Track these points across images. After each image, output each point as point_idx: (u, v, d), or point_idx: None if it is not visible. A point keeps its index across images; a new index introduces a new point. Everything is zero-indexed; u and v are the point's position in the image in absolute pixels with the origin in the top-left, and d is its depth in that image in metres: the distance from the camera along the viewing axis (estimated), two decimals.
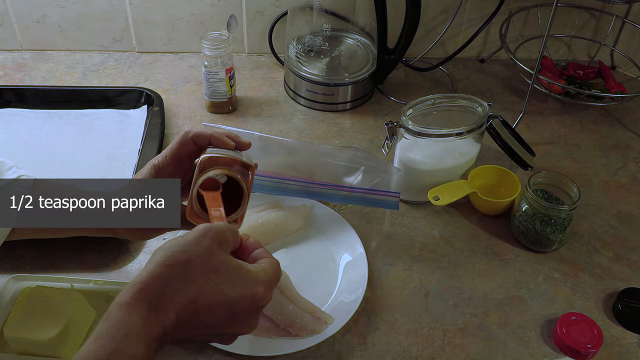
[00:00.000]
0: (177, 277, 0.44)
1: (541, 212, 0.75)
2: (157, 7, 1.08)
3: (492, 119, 0.81)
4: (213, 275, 0.46)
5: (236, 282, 0.46)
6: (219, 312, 0.45)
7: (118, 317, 0.42)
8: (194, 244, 0.47)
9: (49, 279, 0.69)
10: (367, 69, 1.02)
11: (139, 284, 0.44)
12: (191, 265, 0.45)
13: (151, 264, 0.45)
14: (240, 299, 0.46)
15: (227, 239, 0.49)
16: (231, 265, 0.47)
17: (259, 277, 0.48)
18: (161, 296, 0.44)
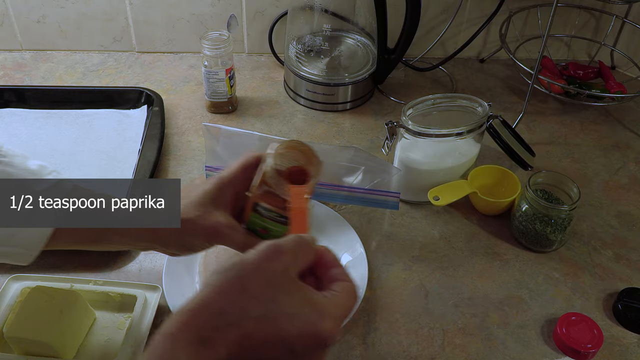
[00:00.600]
0: (231, 307, 0.39)
1: (541, 212, 0.75)
2: (157, 7, 1.08)
3: (492, 119, 0.81)
4: (272, 306, 0.39)
5: (299, 316, 0.39)
6: (276, 349, 0.39)
7: (161, 350, 0.37)
8: (253, 267, 0.40)
9: (49, 279, 0.69)
10: (367, 69, 1.02)
11: (187, 312, 0.39)
12: (248, 294, 0.39)
13: (205, 289, 0.40)
14: (302, 336, 0.39)
15: (298, 259, 0.42)
16: (295, 296, 0.40)
17: (327, 311, 0.40)
18: (212, 329, 0.38)
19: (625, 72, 1.13)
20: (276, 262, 0.41)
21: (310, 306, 0.40)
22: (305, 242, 0.44)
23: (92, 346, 0.65)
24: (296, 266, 0.42)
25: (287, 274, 0.41)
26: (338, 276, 0.44)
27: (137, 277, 0.73)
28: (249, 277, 0.40)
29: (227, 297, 0.39)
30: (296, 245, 0.43)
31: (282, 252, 0.41)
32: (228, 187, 0.57)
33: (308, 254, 0.44)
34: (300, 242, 0.43)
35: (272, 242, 0.42)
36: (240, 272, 0.40)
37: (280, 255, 0.41)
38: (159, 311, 0.67)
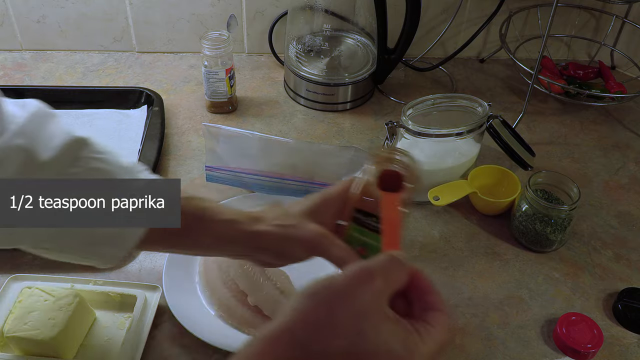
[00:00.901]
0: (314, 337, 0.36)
1: (541, 212, 0.75)
2: (157, 7, 1.08)
3: (492, 119, 0.81)
4: (359, 340, 0.35)
5: (387, 354, 0.36)
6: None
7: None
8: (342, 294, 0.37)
9: (49, 279, 0.69)
10: (367, 69, 1.02)
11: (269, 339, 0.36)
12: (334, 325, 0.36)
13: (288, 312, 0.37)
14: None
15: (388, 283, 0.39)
16: (385, 330, 0.36)
17: (417, 349, 0.37)
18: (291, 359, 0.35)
19: (625, 72, 1.13)
20: (366, 289, 0.37)
21: (400, 343, 0.36)
22: (398, 263, 0.40)
23: (92, 346, 0.65)
24: (387, 292, 0.39)
25: (377, 303, 0.38)
26: (433, 304, 0.40)
27: (137, 277, 0.73)
28: (336, 306, 0.36)
29: (312, 327, 0.36)
30: (388, 267, 0.40)
31: (373, 278, 0.38)
32: (331, 203, 0.56)
33: (401, 278, 0.40)
34: (393, 263, 0.40)
35: (364, 265, 0.39)
36: (327, 298, 0.37)
37: (371, 280, 0.38)
38: (159, 311, 0.67)
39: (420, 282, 0.41)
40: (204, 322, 0.66)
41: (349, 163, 0.82)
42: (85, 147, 0.53)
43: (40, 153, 0.49)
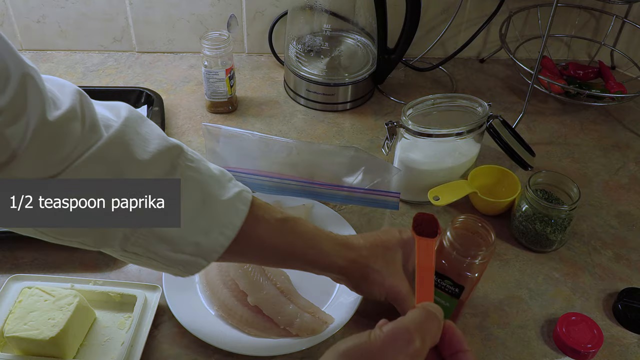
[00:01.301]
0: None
1: (541, 212, 0.75)
2: (157, 7, 1.08)
3: (492, 119, 0.81)
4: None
5: None
6: None
7: None
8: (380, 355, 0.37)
9: (49, 279, 0.69)
10: (367, 69, 1.02)
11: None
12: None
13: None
14: None
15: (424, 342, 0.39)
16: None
17: None
18: None
19: (625, 72, 1.13)
20: (404, 351, 0.38)
21: None
22: (435, 321, 0.40)
23: (92, 346, 0.65)
24: (423, 353, 0.39)
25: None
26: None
27: (137, 277, 0.73)
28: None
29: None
30: (425, 326, 0.40)
31: (411, 340, 0.38)
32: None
33: (436, 336, 0.41)
34: (429, 322, 0.40)
35: (401, 323, 0.39)
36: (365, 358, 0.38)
37: (409, 343, 0.38)
38: (159, 311, 0.67)
39: (452, 338, 0.41)
40: (204, 322, 0.66)
41: (349, 163, 0.82)
42: (181, 154, 0.53)
43: (138, 154, 0.49)
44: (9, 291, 0.67)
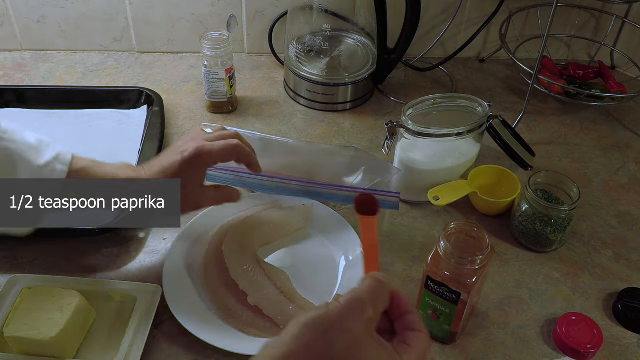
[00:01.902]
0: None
1: (541, 212, 0.75)
2: (157, 7, 1.08)
3: (492, 119, 0.81)
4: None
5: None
6: None
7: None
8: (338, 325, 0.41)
9: (49, 279, 0.69)
10: (367, 69, 1.02)
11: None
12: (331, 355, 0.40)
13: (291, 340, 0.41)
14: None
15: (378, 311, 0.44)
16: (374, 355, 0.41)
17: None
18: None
19: (625, 72, 1.13)
20: (359, 319, 0.42)
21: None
22: (384, 288, 0.45)
23: (92, 346, 0.65)
24: (376, 320, 0.43)
25: (368, 330, 0.42)
26: (411, 325, 0.45)
27: (137, 277, 0.73)
28: (334, 337, 0.40)
29: (312, 355, 0.40)
30: (376, 294, 0.44)
31: (365, 308, 0.42)
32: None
33: (386, 302, 0.45)
34: (379, 290, 0.44)
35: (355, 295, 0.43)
36: (326, 328, 0.41)
37: (363, 311, 0.42)
38: (159, 311, 0.67)
39: (400, 302, 0.45)
40: (204, 322, 0.66)
41: (349, 163, 0.82)
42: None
43: None
44: (9, 291, 0.67)
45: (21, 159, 0.59)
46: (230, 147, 0.68)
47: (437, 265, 0.61)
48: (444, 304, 0.63)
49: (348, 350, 0.40)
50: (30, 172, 0.59)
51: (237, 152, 0.68)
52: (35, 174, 0.59)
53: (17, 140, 0.59)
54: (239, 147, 0.68)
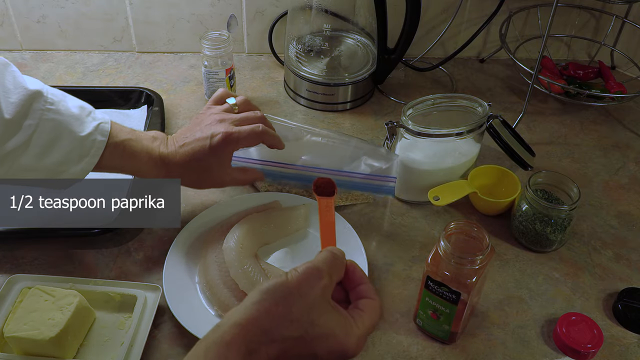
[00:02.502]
0: (276, 326, 0.44)
1: (541, 212, 0.75)
2: (157, 7, 1.08)
3: (492, 119, 0.81)
4: (310, 329, 0.45)
5: (331, 337, 0.45)
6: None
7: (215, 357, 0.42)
8: (296, 291, 0.45)
9: (49, 279, 0.69)
10: (367, 69, 1.02)
11: (239, 326, 0.43)
12: (291, 317, 0.44)
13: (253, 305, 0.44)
14: (331, 353, 0.45)
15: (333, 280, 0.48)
16: (329, 319, 0.46)
17: (353, 331, 0.46)
18: (258, 343, 0.43)
19: (625, 72, 1.13)
20: (316, 286, 0.46)
21: (340, 327, 0.46)
22: (339, 260, 0.49)
23: (92, 346, 0.65)
24: (331, 287, 0.48)
25: (324, 297, 0.46)
26: (364, 293, 0.49)
27: (137, 277, 0.73)
28: (292, 302, 0.44)
29: (273, 318, 0.44)
30: (332, 265, 0.48)
31: (321, 276, 0.46)
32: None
33: (341, 272, 0.49)
34: (334, 261, 0.49)
35: (312, 265, 0.47)
36: (285, 295, 0.45)
37: (319, 279, 0.46)
38: (159, 311, 0.67)
39: (354, 274, 0.50)
40: (204, 322, 0.66)
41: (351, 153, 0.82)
42: (40, 99, 0.62)
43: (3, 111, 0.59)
44: (9, 291, 0.67)
45: (66, 130, 0.63)
46: (258, 133, 0.71)
47: (437, 265, 0.61)
48: (444, 304, 0.63)
49: (306, 314, 0.44)
50: (73, 143, 0.64)
51: (263, 137, 0.72)
52: (78, 144, 0.64)
53: (62, 112, 0.64)
54: (265, 132, 0.72)
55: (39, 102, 0.62)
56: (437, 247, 0.61)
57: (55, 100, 0.64)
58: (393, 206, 0.85)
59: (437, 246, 0.62)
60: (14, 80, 0.62)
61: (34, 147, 0.62)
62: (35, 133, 0.61)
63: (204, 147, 0.69)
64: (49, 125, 0.62)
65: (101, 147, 0.65)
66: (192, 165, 0.69)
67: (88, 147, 0.65)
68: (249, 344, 0.43)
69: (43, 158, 0.63)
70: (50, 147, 0.63)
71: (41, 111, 0.62)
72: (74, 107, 0.66)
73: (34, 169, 0.63)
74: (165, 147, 0.70)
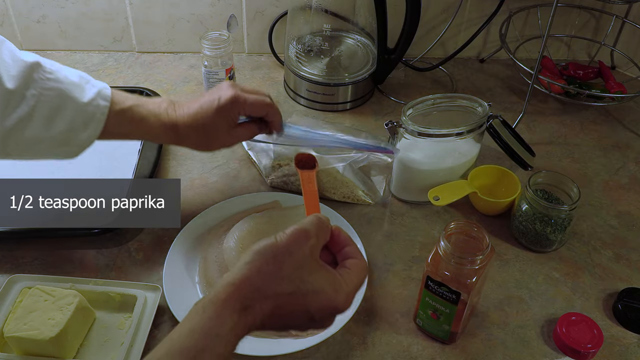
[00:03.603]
0: (268, 284, 0.46)
1: (541, 212, 0.75)
2: (157, 7, 1.08)
3: (492, 119, 0.81)
4: (301, 285, 0.47)
5: (320, 293, 0.47)
6: (299, 318, 0.48)
7: (212, 314, 0.44)
8: (285, 251, 0.47)
9: (49, 279, 0.69)
10: (367, 69, 1.02)
11: (233, 285, 0.45)
12: (282, 274, 0.47)
13: (245, 265, 0.46)
14: (321, 308, 0.48)
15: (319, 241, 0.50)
16: (318, 276, 0.48)
17: (341, 288, 0.49)
18: (252, 300, 0.45)
19: (625, 72, 1.13)
20: (304, 245, 0.48)
21: (329, 284, 0.48)
22: (324, 223, 0.51)
23: (92, 346, 0.65)
24: (318, 247, 0.50)
25: (312, 256, 0.49)
26: (350, 254, 0.52)
27: (137, 277, 0.73)
28: (282, 260, 0.47)
29: (265, 276, 0.46)
30: (318, 227, 0.50)
31: (308, 237, 0.49)
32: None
33: (327, 235, 0.51)
34: (320, 224, 0.51)
35: (299, 226, 0.49)
36: (275, 254, 0.47)
37: (307, 239, 0.48)
38: (159, 311, 0.67)
39: (339, 237, 0.52)
40: None
41: None
42: (39, 69, 0.63)
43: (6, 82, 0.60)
44: (9, 291, 0.67)
45: (68, 98, 0.64)
46: (264, 103, 0.72)
47: (437, 265, 0.61)
48: (444, 304, 0.63)
49: (296, 271, 0.47)
50: (76, 109, 0.64)
51: (268, 109, 0.73)
52: (81, 110, 0.65)
53: (62, 80, 0.65)
54: (271, 105, 0.73)
55: (39, 72, 0.63)
56: (437, 247, 0.61)
57: (53, 69, 0.65)
58: (393, 206, 0.85)
59: (437, 246, 0.62)
60: (11, 54, 0.64)
61: (39, 118, 0.62)
62: (39, 103, 0.62)
63: (212, 107, 0.70)
64: (51, 94, 0.63)
65: (105, 112, 0.66)
66: (200, 126, 0.70)
67: (92, 113, 0.65)
68: (244, 301, 0.45)
69: (49, 128, 0.63)
70: (54, 116, 0.63)
71: (42, 81, 0.63)
72: (73, 75, 0.67)
73: (41, 140, 0.64)
74: (173, 110, 0.71)
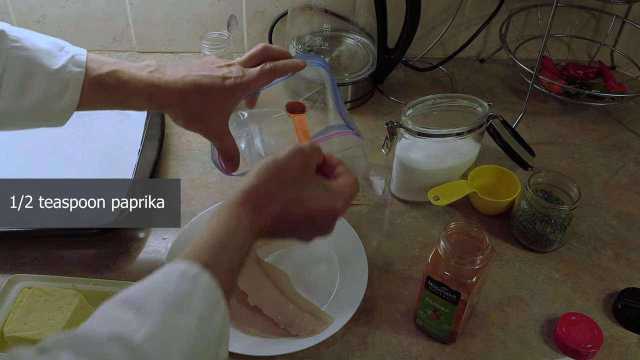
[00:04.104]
0: (275, 189, 0.52)
1: (541, 212, 0.75)
2: (157, 7, 1.08)
3: (492, 119, 0.81)
4: (303, 191, 0.53)
5: (321, 197, 0.54)
6: (304, 220, 0.53)
7: (229, 215, 0.49)
8: (285, 163, 0.53)
9: (49, 279, 0.69)
10: (367, 69, 1.02)
11: (245, 191, 0.51)
12: (285, 182, 0.52)
13: (252, 176, 0.52)
14: (322, 212, 0.54)
15: (313, 158, 0.56)
16: (317, 184, 0.55)
17: (339, 194, 0.55)
18: (262, 203, 0.51)
19: (625, 72, 1.13)
20: (302, 160, 0.54)
21: (328, 191, 0.55)
22: (317, 147, 0.57)
23: None
24: (314, 164, 0.56)
25: (309, 168, 0.55)
26: (342, 171, 0.58)
27: (137, 277, 0.72)
28: (285, 171, 0.53)
29: (272, 183, 0.52)
30: (312, 148, 0.56)
31: (304, 153, 0.54)
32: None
33: (319, 155, 0.57)
34: (313, 146, 0.57)
35: (296, 146, 0.55)
36: (277, 167, 0.53)
37: (303, 155, 0.54)
38: None
39: (331, 161, 0.59)
40: None
41: None
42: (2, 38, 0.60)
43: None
44: (9, 291, 0.67)
45: (37, 66, 0.61)
46: (266, 70, 0.68)
47: (437, 265, 0.61)
48: (444, 304, 0.63)
49: (296, 180, 0.53)
50: (47, 78, 0.61)
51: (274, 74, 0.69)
52: (52, 78, 0.62)
53: (29, 47, 0.62)
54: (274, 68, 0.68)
55: (3, 41, 0.60)
56: (437, 247, 0.61)
57: (20, 37, 0.62)
58: (393, 206, 0.85)
59: (437, 246, 0.62)
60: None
61: (8, 89, 0.60)
62: (5, 73, 0.59)
63: (214, 84, 0.66)
64: (17, 63, 0.60)
65: (80, 79, 0.63)
66: (194, 96, 0.65)
67: (65, 81, 0.62)
68: (256, 203, 0.51)
69: (20, 99, 0.60)
70: (24, 85, 0.60)
71: (7, 50, 0.60)
72: (44, 42, 0.64)
73: (14, 112, 0.61)
74: (161, 74, 0.65)
